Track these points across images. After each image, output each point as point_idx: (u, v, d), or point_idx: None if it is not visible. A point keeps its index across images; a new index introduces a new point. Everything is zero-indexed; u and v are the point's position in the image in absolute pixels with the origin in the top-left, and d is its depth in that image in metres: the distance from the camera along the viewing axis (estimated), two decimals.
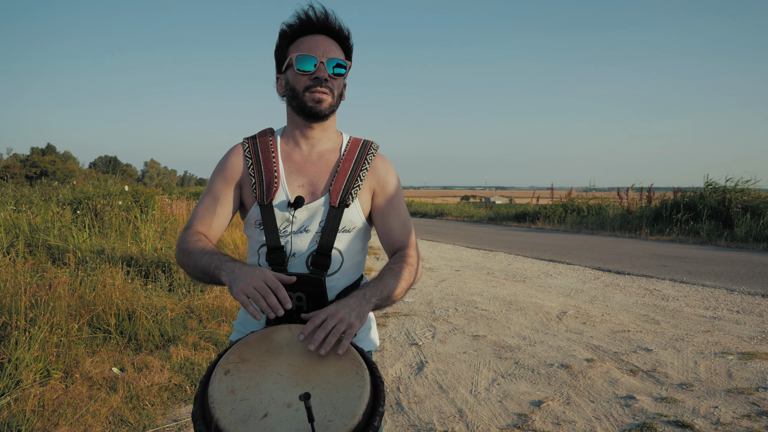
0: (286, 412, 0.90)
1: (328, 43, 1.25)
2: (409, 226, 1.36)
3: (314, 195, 1.26)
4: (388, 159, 1.37)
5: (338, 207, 1.24)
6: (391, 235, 1.33)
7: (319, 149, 1.31)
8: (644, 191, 14.96)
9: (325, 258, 1.23)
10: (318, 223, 1.24)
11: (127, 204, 7.70)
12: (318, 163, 1.29)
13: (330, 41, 1.25)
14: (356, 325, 1.07)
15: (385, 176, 1.32)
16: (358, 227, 1.29)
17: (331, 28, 1.26)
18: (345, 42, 1.28)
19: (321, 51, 1.22)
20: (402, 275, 1.23)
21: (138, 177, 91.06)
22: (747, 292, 5.63)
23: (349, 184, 1.26)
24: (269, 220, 1.24)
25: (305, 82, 1.22)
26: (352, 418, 0.89)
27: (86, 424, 2.49)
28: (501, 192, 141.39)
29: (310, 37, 1.24)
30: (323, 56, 1.22)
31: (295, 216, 1.24)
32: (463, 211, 23.89)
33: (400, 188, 1.36)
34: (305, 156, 1.30)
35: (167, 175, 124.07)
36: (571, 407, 2.79)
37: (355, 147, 1.33)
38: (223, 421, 0.89)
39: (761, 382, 3.09)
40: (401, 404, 2.87)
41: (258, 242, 1.28)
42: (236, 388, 0.95)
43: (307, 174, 1.28)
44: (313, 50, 1.22)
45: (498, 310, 5.02)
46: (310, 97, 1.22)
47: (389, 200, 1.33)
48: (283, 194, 1.25)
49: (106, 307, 3.66)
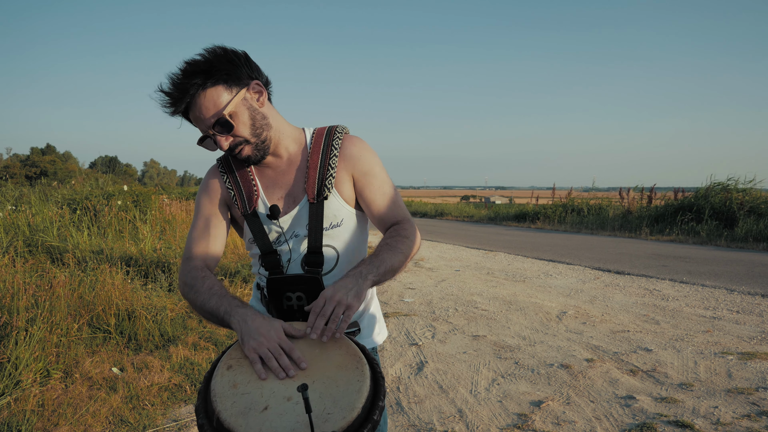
0: (286, 405, 0.91)
1: (199, 107, 1.12)
2: (398, 200, 1.31)
3: (294, 201, 1.25)
4: (360, 138, 1.30)
5: (317, 202, 1.22)
6: (379, 212, 1.29)
7: (285, 157, 1.28)
8: (645, 191, 14.95)
9: (316, 256, 1.22)
10: (305, 225, 1.24)
11: (126, 204, 7.70)
12: (289, 170, 1.27)
13: (200, 100, 1.12)
14: (354, 306, 1.06)
15: (358, 156, 1.26)
16: (346, 219, 1.27)
17: (189, 92, 1.11)
18: (210, 79, 1.11)
19: (202, 123, 1.15)
20: (398, 248, 1.20)
21: (138, 177, 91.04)
22: (747, 292, 5.63)
23: (321, 176, 1.23)
24: (256, 228, 1.24)
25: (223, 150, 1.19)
26: (351, 411, 0.90)
27: (86, 424, 2.49)
28: (501, 192, 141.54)
29: (190, 113, 1.16)
30: (207, 127, 1.14)
31: (281, 225, 1.24)
32: (463, 211, 23.89)
33: (378, 164, 1.29)
34: (275, 169, 1.28)
35: (167, 175, 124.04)
36: (571, 407, 2.79)
37: (320, 137, 1.28)
38: (224, 413, 0.91)
39: (761, 382, 3.09)
40: (401, 404, 2.87)
41: (256, 254, 1.29)
42: (238, 383, 0.97)
43: (283, 184, 1.27)
44: (199, 127, 1.17)
45: (498, 310, 5.02)
46: (237, 156, 1.21)
47: (369, 179, 1.27)
48: (263, 207, 1.25)
49: (105, 307, 3.66)
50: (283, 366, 0.99)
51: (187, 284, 1.22)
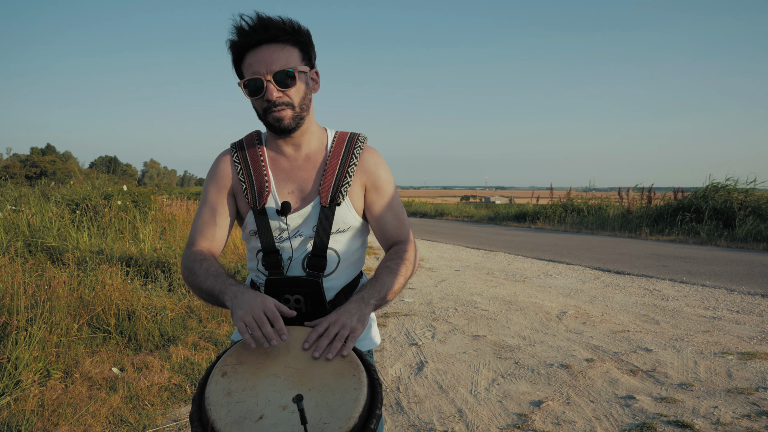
0: (282, 415, 0.90)
1: (271, 53, 1.15)
2: (404, 219, 1.34)
3: (305, 200, 1.25)
4: (377, 151, 1.32)
5: (329, 207, 1.22)
6: (385, 230, 1.32)
7: (304, 152, 1.28)
8: (645, 191, 14.94)
9: (320, 259, 1.22)
10: (312, 226, 1.24)
11: (125, 204, 7.69)
12: (305, 166, 1.27)
13: (274, 48, 1.15)
14: (359, 329, 1.08)
15: (375, 170, 1.28)
16: (352, 226, 1.28)
17: (271, 34, 1.14)
18: (294, 39, 1.18)
19: (265, 67, 1.15)
20: (399, 271, 1.23)
21: (138, 177, 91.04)
22: (747, 292, 5.63)
23: (338, 181, 1.24)
24: (263, 224, 1.24)
25: (261, 105, 1.19)
26: (348, 421, 0.89)
27: (86, 424, 2.49)
28: (501, 192, 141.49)
29: (252, 53, 1.16)
30: (268, 72, 1.15)
31: (287, 222, 1.23)
32: (463, 211, 23.89)
33: (391, 181, 1.32)
34: (291, 161, 1.28)
35: (167, 175, 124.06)
36: (571, 407, 2.79)
37: (342, 142, 1.29)
38: (219, 423, 0.89)
39: (761, 382, 3.09)
40: (401, 404, 2.87)
41: (255, 248, 1.29)
42: (233, 390, 0.96)
43: (296, 179, 1.27)
44: (256, 69, 1.15)
45: (498, 310, 5.02)
46: (271, 117, 1.19)
47: (381, 194, 1.30)
48: (273, 201, 1.24)
49: (105, 307, 3.66)
50: (266, 334, 1.02)
51: (187, 268, 1.23)
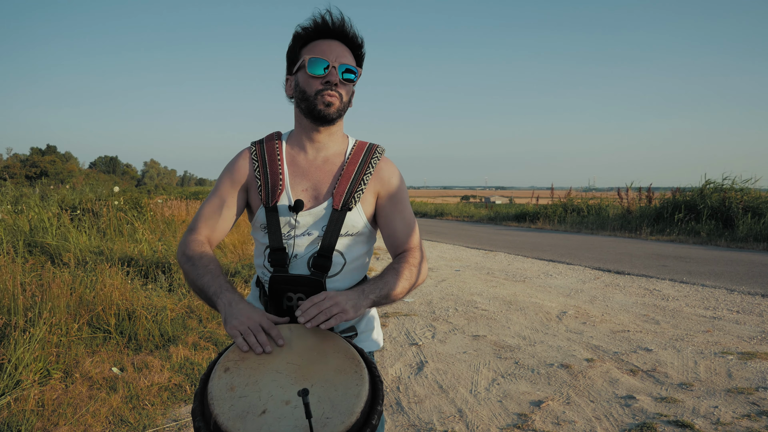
0: (284, 409, 0.91)
1: (341, 49, 1.26)
2: (413, 227, 1.37)
3: (317, 199, 1.28)
4: (393, 162, 1.38)
5: (341, 210, 1.25)
6: (395, 237, 1.34)
7: (324, 153, 1.32)
8: (644, 191, 14.94)
9: (325, 260, 1.24)
10: (321, 226, 1.26)
11: (121, 205, 7.70)
12: (323, 167, 1.31)
13: (343, 47, 1.27)
14: (349, 313, 1.10)
15: (389, 179, 1.34)
16: (360, 231, 1.30)
17: (346, 34, 1.27)
18: (358, 50, 1.30)
19: (334, 56, 1.24)
20: (403, 275, 1.25)
21: (138, 177, 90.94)
22: (747, 292, 5.63)
23: (352, 187, 1.27)
24: (273, 222, 1.26)
25: (316, 86, 1.24)
26: (350, 416, 0.89)
27: (86, 424, 2.49)
28: (501, 192, 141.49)
29: (323, 42, 1.26)
30: (336, 61, 1.23)
31: (297, 220, 1.25)
32: (463, 211, 23.89)
33: (404, 190, 1.37)
34: (310, 160, 1.32)
35: (167, 175, 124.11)
36: (571, 407, 2.79)
37: (360, 150, 1.34)
38: (222, 417, 0.90)
39: (761, 382, 3.09)
40: (401, 404, 2.87)
41: (263, 244, 1.31)
42: (235, 385, 0.96)
43: (312, 178, 1.30)
44: (326, 54, 1.23)
45: (498, 310, 5.02)
46: (321, 100, 1.23)
47: (393, 202, 1.34)
48: (286, 198, 1.27)
49: (105, 307, 3.66)
50: (260, 342, 1.05)
51: (185, 255, 1.25)
